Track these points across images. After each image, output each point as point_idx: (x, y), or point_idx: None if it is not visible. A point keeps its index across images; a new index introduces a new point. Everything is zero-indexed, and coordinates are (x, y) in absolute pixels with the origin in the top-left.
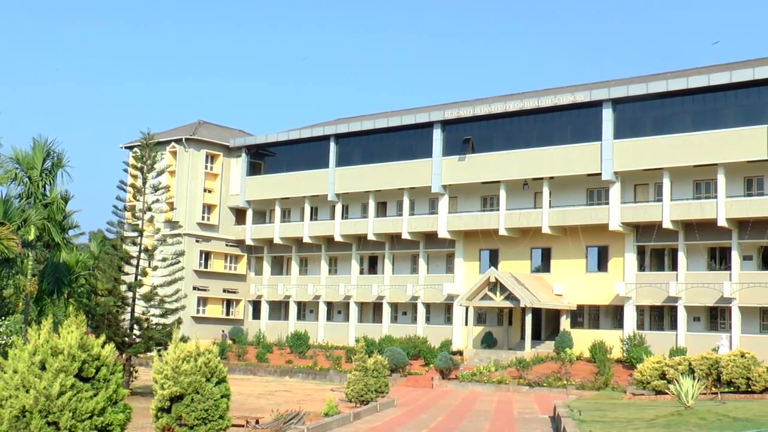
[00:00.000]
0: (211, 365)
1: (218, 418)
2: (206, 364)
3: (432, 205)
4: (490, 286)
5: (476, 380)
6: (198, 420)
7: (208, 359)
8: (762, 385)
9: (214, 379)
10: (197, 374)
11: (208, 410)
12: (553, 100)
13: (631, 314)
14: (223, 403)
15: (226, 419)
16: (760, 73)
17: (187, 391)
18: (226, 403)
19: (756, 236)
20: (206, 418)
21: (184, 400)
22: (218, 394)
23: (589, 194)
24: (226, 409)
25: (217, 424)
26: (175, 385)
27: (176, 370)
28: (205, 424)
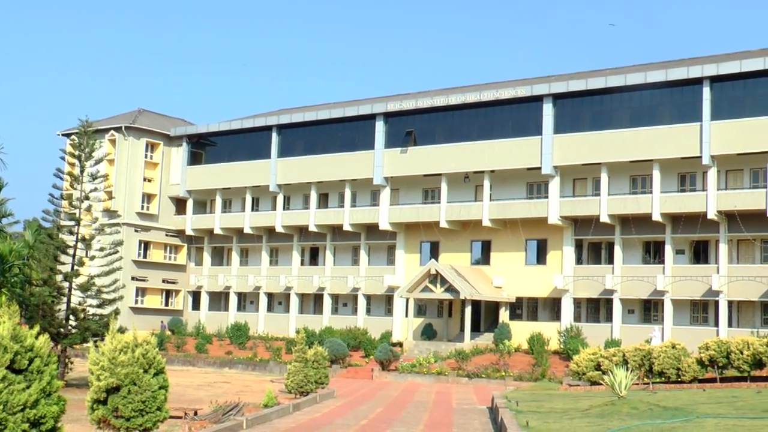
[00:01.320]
0: (149, 356)
1: (156, 409)
2: (144, 355)
3: (374, 197)
4: (431, 278)
5: (416, 371)
6: (135, 412)
7: (146, 350)
8: (691, 375)
9: (152, 371)
10: (134, 365)
11: (145, 402)
12: (494, 94)
13: (569, 307)
14: (160, 395)
15: (164, 411)
16: (694, 72)
17: (123, 383)
18: (164, 394)
19: (688, 231)
20: (143, 410)
21: (121, 392)
22: (156, 386)
23: (529, 188)
24: (164, 400)
25: (155, 415)
26: (112, 377)
27: (113, 361)
28: (142, 416)
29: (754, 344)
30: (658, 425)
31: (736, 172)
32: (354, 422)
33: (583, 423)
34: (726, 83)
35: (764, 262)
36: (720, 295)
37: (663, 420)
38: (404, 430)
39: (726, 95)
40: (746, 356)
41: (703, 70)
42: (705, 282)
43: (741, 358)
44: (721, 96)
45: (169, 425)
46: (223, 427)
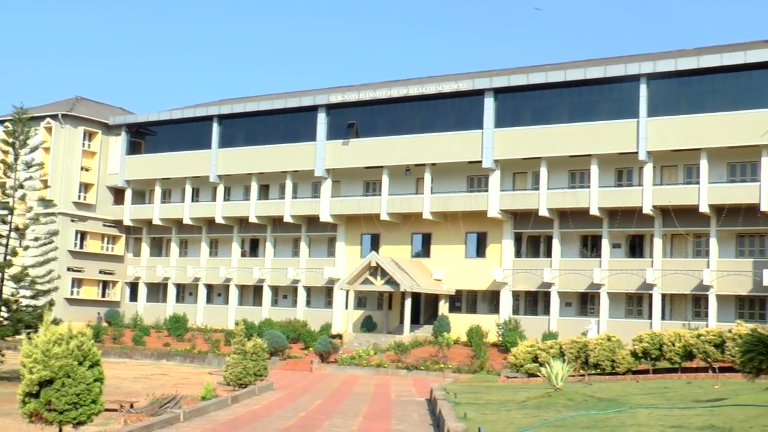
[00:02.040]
0: (84, 348)
1: (90, 402)
2: (79, 347)
3: (315, 188)
4: (371, 271)
5: (355, 364)
6: (69, 405)
7: (81, 342)
8: (625, 367)
9: (87, 363)
10: (69, 358)
11: (79, 395)
12: (436, 87)
13: (508, 299)
14: (96, 387)
15: (99, 404)
16: (631, 69)
17: (57, 376)
18: (100, 387)
19: (624, 225)
20: (77, 403)
21: (54, 385)
22: (91, 378)
23: (470, 181)
24: (99, 393)
25: (89, 408)
26: (45, 369)
27: (46, 353)
28: (76, 409)
29: (686, 336)
30: (593, 416)
31: (670, 168)
32: (293, 414)
33: (520, 414)
34: (662, 81)
35: (696, 256)
36: (654, 289)
37: (598, 411)
38: (343, 422)
39: (662, 92)
40: (678, 348)
41: (640, 67)
42: (640, 275)
43: (673, 350)
44: (657, 93)
45: (104, 418)
46: (160, 419)
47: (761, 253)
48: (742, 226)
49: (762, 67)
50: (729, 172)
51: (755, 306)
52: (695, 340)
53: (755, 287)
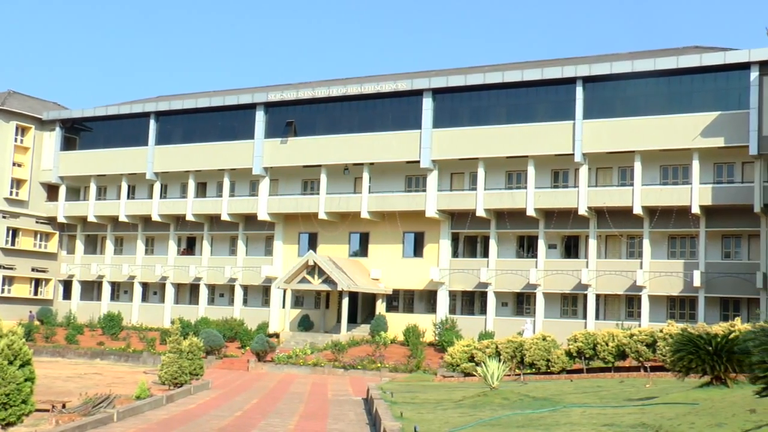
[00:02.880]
0: (14, 347)
1: (20, 402)
2: (9, 346)
3: (253, 187)
4: (309, 270)
5: (292, 363)
6: None
7: (12, 341)
8: (560, 366)
9: (18, 362)
10: None
11: (9, 395)
12: (375, 87)
13: (444, 299)
14: (26, 387)
15: (30, 404)
16: (568, 72)
17: None
18: (30, 387)
19: (560, 226)
20: (7, 404)
21: None
22: (21, 378)
23: (408, 181)
24: (30, 393)
25: (20, 409)
26: None
27: None
28: (5, 410)
29: (619, 336)
30: (528, 415)
31: (605, 170)
32: (229, 413)
33: (456, 413)
34: (597, 84)
35: (630, 257)
36: (589, 289)
37: (532, 410)
38: (279, 421)
39: (597, 95)
40: (611, 348)
41: (577, 70)
42: (575, 276)
43: (606, 350)
44: (593, 96)
45: (35, 419)
46: (93, 419)
47: (692, 254)
48: (674, 228)
49: (693, 72)
50: (662, 174)
51: (686, 306)
52: (628, 339)
53: (686, 288)
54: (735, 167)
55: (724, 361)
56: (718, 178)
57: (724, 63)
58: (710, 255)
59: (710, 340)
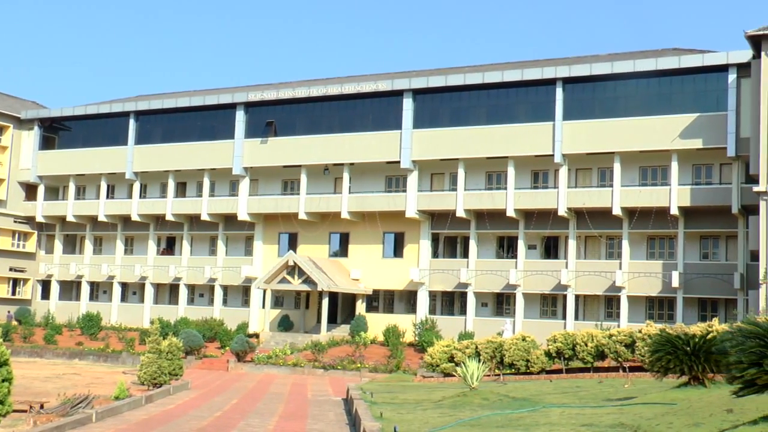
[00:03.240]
0: None
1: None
2: None
3: (233, 187)
4: (289, 270)
5: (272, 363)
6: None
7: None
8: (539, 367)
9: None
10: None
11: None
12: (356, 87)
13: (424, 299)
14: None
15: (7, 404)
16: (548, 73)
17: None
18: (8, 387)
19: (540, 227)
20: None
21: None
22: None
23: (388, 181)
24: (8, 393)
25: None
26: None
27: None
28: None
29: (598, 336)
30: (507, 415)
31: (585, 171)
32: (208, 414)
33: (435, 414)
34: (577, 85)
35: (609, 257)
36: (568, 290)
37: (512, 410)
38: (259, 421)
39: (577, 96)
40: (590, 348)
41: (556, 71)
42: (555, 276)
43: (585, 350)
44: (573, 97)
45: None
46: (72, 420)
47: (670, 255)
48: (653, 229)
49: (672, 74)
50: (641, 175)
51: (664, 307)
52: (607, 340)
53: (664, 288)
54: (713, 168)
55: (702, 362)
56: (696, 179)
57: (702, 65)
58: (689, 256)
59: (688, 340)
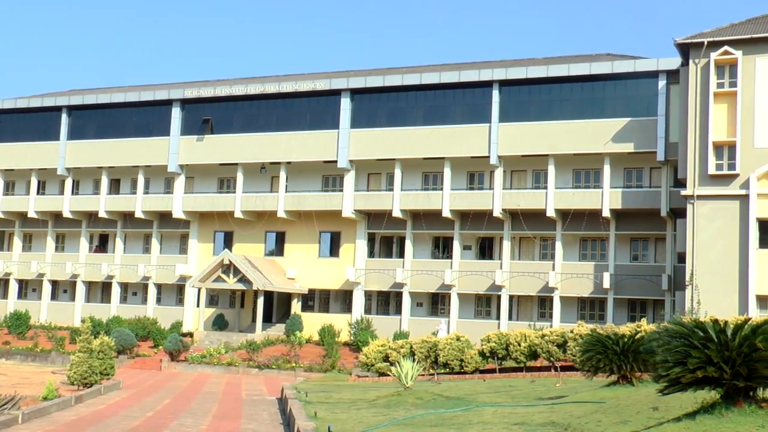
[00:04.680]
0: None
1: None
2: None
3: (168, 184)
4: (224, 268)
5: (206, 362)
6: None
7: None
8: (473, 366)
9: None
10: None
11: None
12: (293, 86)
13: (360, 299)
14: None
15: None
16: (485, 75)
17: None
18: None
19: (475, 228)
20: None
21: None
22: None
23: (325, 181)
24: None
25: None
26: None
27: None
28: None
29: (531, 337)
30: (441, 414)
31: (520, 173)
32: (140, 414)
33: (370, 413)
34: (513, 88)
35: (542, 259)
36: (502, 290)
37: (446, 409)
38: (192, 421)
39: (513, 99)
40: (523, 348)
41: (493, 73)
42: (489, 277)
43: (519, 350)
44: (509, 99)
45: None
46: None
47: (602, 256)
48: (586, 231)
49: (605, 78)
50: (574, 178)
51: (595, 307)
52: (540, 340)
53: (596, 289)
54: (643, 172)
55: (631, 361)
56: (627, 182)
57: (634, 71)
58: (619, 257)
59: (618, 340)
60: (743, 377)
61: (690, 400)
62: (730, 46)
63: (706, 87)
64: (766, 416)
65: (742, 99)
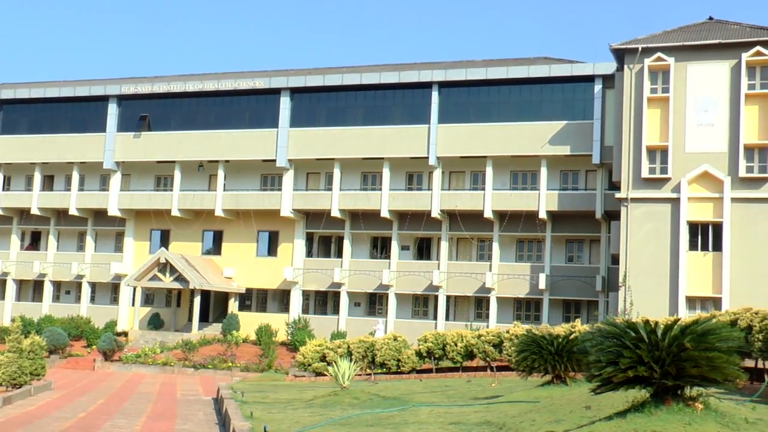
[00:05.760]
0: None
1: None
2: None
3: (103, 181)
4: (160, 267)
5: (141, 362)
6: None
7: None
8: (410, 366)
9: None
10: None
11: None
12: (233, 84)
13: (298, 298)
14: None
15: None
16: (424, 76)
17: None
18: None
19: (413, 228)
20: None
21: None
22: None
23: (264, 180)
24: None
25: None
26: None
27: None
28: None
29: (467, 337)
30: (377, 414)
31: (458, 174)
32: (71, 415)
33: (306, 413)
34: (453, 89)
35: (479, 259)
36: (440, 290)
37: (382, 409)
38: (125, 422)
39: (452, 100)
40: (460, 348)
41: (433, 75)
42: (427, 277)
43: (455, 350)
44: (448, 101)
45: None
46: None
47: (538, 258)
48: (522, 232)
49: (543, 81)
50: (512, 180)
51: (531, 308)
52: (476, 340)
53: (532, 290)
54: (579, 175)
55: (565, 361)
56: (563, 184)
57: (571, 75)
58: (555, 258)
59: (552, 340)
60: (672, 376)
61: (621, 399)
62: (663, 53)
63: (640, 92)
64: (693, 414)
65: (675, 105)
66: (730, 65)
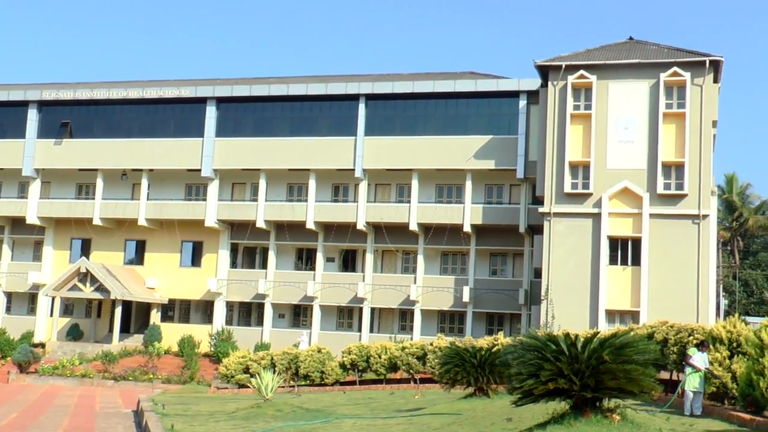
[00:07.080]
0: None
1: None
2: None
3: (22, 188)
4: (80, 277)
5: (58, 374)
6: None
7: None
8: (334, 378)
9: None
10: None
11: None
12: (158, 92)
13: (222, 310)
14: None
15: None
16: (351, 88)
17: None
18: None
19: (339, 240)
20: None
21: None
22: None
23: (188, 189)
24: None
25: None
26: None
27: None
28: None
29: (391, 349)
30: (300, 426)
31: (384, 187)
32: None
33: (228, 425)
34: (379, 102)
35: (405, 272)
36: (364, 302)
37: (305, 421)
38: None
39: (379, 113)
40: (383, 360)
41: (360, 87)
42: (352, 289)
43: (379, 362)
44: (375, 113)
45: None
46: None
47: (462, 271)
48: (447, 245)
49: (468, 96)
50: (437, 193)
51: (455, 320)
52: (400, 352)
53: (456, 303)
54: (504, 189)
55: (487, 373)
56: (488, 198)
57: (496, 90)
58: (479, 272)
59: (475, 353)
60: (591, 389)
61: (542, 411)
62: (586, 71)
63: (564, 108)
64: (611, 425)
65: (597, 121)
66: (649, 84)
